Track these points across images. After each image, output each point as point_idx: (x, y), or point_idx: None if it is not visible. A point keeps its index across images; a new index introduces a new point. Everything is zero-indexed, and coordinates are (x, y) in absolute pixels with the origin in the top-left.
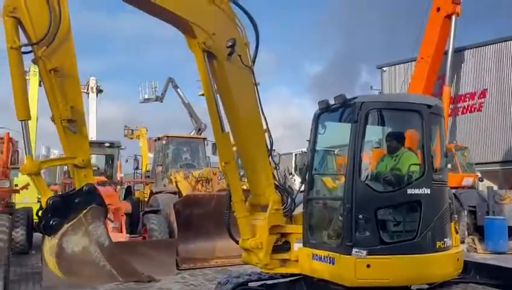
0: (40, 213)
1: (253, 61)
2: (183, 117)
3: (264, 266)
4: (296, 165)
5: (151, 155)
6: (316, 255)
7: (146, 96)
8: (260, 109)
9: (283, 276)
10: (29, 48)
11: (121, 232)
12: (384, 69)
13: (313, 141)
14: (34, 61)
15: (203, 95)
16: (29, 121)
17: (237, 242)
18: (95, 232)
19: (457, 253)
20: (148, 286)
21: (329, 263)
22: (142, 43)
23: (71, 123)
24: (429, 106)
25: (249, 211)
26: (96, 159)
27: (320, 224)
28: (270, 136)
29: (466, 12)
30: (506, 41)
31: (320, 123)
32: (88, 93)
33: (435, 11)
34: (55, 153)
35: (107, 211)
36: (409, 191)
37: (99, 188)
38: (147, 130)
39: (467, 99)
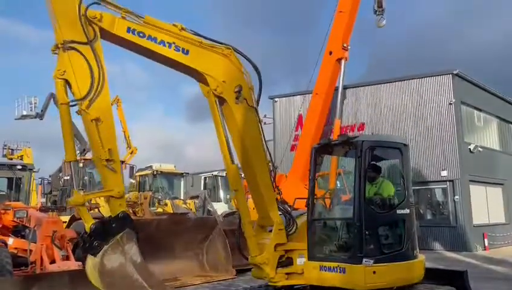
0: (83, 237)
1: (258, 102)
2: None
3: (271, 280)
4: (206, 188)
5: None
6: (325, 266)
7: (24, 113)
8: (264, 143)
9: (286, 288)
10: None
11: (69, 260)
12: (275, 100)
13: (313, 171)
14: (78, 113)
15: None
16: None
17: (247, 259)
18: (129, 251)
19: (423, 259)
20: None
21: (340, 272)
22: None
23: (109, 162)
24: (405, 145)
25: (256, 231)
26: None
27: (326, 240)
28: (273, 166)
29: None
30: (380, 84)
31: (319, 156)
32: None
33: (328, 54)
34: None
35: (138, 234)
36: (398, 211)
37: (39, 214)
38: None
39: (348, 131)
